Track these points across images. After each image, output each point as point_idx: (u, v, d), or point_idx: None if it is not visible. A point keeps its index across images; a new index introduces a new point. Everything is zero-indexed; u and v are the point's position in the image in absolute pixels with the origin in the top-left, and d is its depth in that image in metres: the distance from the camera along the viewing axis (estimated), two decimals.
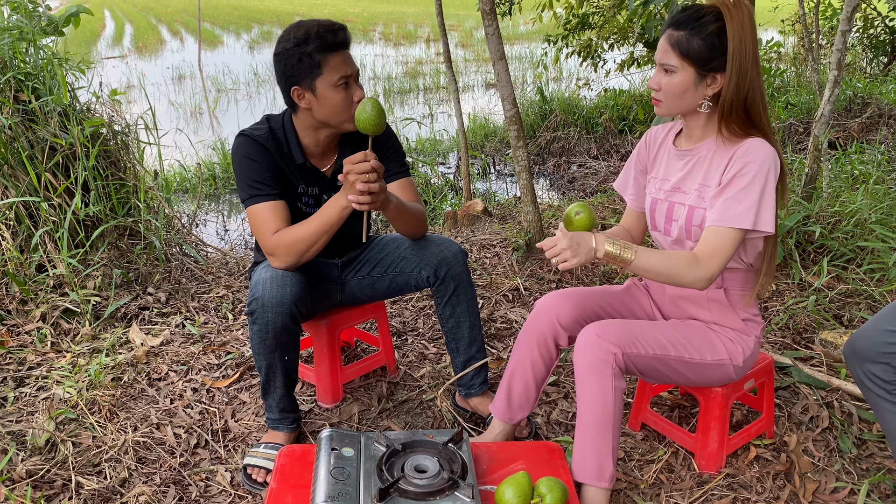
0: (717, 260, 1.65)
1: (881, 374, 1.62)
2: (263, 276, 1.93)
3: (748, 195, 1.64)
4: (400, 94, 10.67)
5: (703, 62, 1.64)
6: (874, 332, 1.63)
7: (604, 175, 5.81)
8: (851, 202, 3.38)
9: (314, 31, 1.86)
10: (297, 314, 1.92)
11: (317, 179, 2.09)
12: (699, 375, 1.82)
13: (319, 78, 1.89)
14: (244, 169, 1.97)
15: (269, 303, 1.88)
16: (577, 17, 7.45)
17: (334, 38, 1.88)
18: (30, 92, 3.18)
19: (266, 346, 1.94)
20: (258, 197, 1.95)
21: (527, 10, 7.17)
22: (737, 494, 1.91)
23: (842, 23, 3.16)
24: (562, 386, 2.45)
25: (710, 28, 1.62)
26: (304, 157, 2.03)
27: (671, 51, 1.66)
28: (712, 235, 1.67)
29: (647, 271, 1.67)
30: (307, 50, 1.86)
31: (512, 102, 3.31)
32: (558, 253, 1.63)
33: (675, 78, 1.67)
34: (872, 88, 6.88)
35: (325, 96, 1.91)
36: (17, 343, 2.72)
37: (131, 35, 19.24)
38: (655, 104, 1.75)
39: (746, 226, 1.64)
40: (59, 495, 1.93)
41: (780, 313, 2.86)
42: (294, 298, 1.90)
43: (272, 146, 2.00)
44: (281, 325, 1.90)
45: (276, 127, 2.04)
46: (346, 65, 1.91)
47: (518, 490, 1.59)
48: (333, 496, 1.54)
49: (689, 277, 1.65)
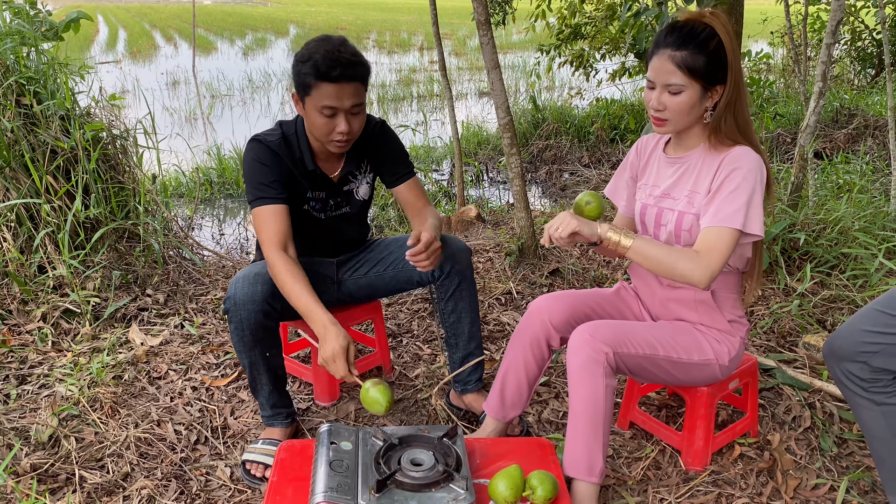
0: (716, 256, 1.68)
1: (858, 372, 1.67)
2: (238, 275, 2.00)
3: (737, 198, 1.69)
4: (394, 101, 10.75)
5: (709, 77, 1.70)
6: (851, 332, 1.68)
7: (595, 183, 5.89)
8: (836, 210, 3.47)
9: (316, 57, 1.88)
10: (270, 311, 1.98)
11: (324, 184, 2.16)
12: (686, 375, 1.89)
13: (308, 97, 1.94)
14: (253, 172, 2.03)
15: (241, 300, 1.95)
16: (569, 28, 7.56)
17: (328, 71, 1.87)
18: (31, 96, 3.23)
19: (244, 343, 2.00)
20: (262, 199, 2.01)
21: (520, 20, 7.26)
22: (721, 490, 1.98)
23: (827, 36, 3.25)
24: (553, 386, 2.52)
25: (712, 44, 1.68)
26: (314, 164, 2.09)
27: (678, 71, 1.69)
28: (708, 235, 1.70)
29: (646, 258, 1.71)
30: (303, 70, 1.91)
31: (506, 110, 3.39)
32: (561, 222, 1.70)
33: (682, 97, 1.71)
34: (859, 100, 7.00)
35: (310, 114, 1.97)
36: (19, 342, 2.76)
37: (125, 40, 19.26)
38: (660, 124, 1.77)
39: (737, 226, 1.68)
40: (63, 488, 1.98)
41: (765, 317, 2.94)
42: (265, 296, 1.96)
43: (284, 152, 2.06)
44: (255, 322, 1.96)
45: (289, 133, 2.09)
46: (335, 97, 1.90)
47: (510, 483, 1.65)
48: (333, 487, 1.60)
49: (688, 268, 1.67)
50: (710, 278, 1.68)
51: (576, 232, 1.72)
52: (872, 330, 1.64)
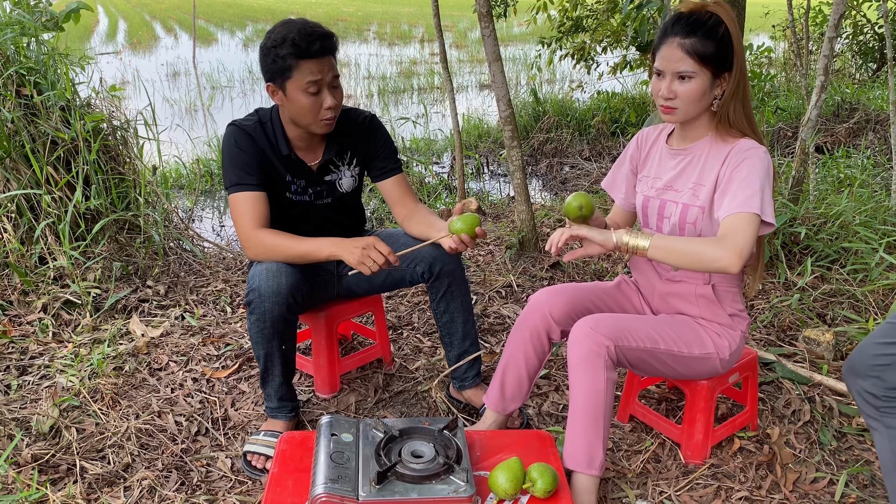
0: (741, 235, 1.60)
1: (871, 388, 1.60)
2: (260, 267, 1.99)
3: (750, 185, 1.66)
4: (394, 93, 10.72)
5: (718, 63, 1.70)
6: (866, 346, 1.63)
7: (596, 176, 5.88)
8: (836, 205, 3.47)
9: (291, 37, 1.90)
10: (293, 304, 1.99)
11: (303, 172, 2.16)
12: (687, 368, 1.89)
13: (289, 80, 1.94)
14: (231, 156, 2.04)
15: (266, 293, 1.95)
16: (570, 20, 7.54)
17: (308, 47, 1.90)
18: (32, 86, 3.22)
19: (264, 335, 2.00)
20: (240, 186, 2.03)
21: (521, 13, 7.23)
22: (721, 484, 1.98)
23: (829, 29, 3.24)
24: (553, 379, 2.52)
25: (720, 31, 1.68)
26: (289, 149, 2.10)
27: (688, 58, 1.68)
28: (729, 221, 1.64)
29: (669, 253, 1.65)
30: (281, 53, 1.91)
31: (507, 103, 3.38)
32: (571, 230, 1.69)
33: (692, 84, 1.70)
34: (860, 94, 6.99)
35: (293, 98, 1.97)
36: (20, 333, 2.77)
37: (125, 31, 19.19)
38: (669, 112, 1.76)
39: (756, 210, 1.62)
40: (64, 479, 1.98)
41: (765, 311, 2.94)
42: (290, 289, 1.96)
43: (259, 136, 2.07)
44: (278, 315, 1.97)
45: (265, 119, 2.11)
46: (318, 71, 1.93)
47: (511, 475, 1.65)
48: (333, 479, 1.60)
49: (715, 253, 1.59)
50: (741, 260, 1.57)
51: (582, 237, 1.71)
52: (885, 342, 1.60)
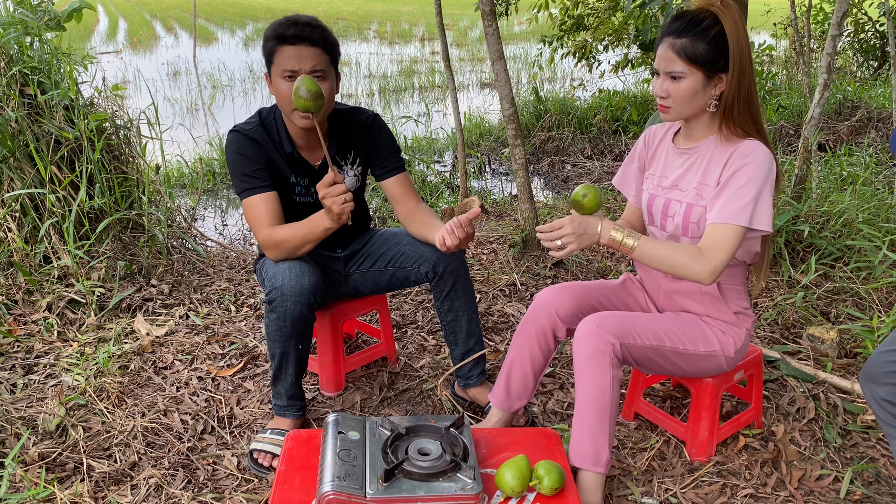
0: (720, 253, 1.69)
1: (888, 396, 1.59)
2: (282, 266, 1.99)
3: (746, 193, 1.70)
4: (395, 92, 10.71)
5: (710, 65, 1.70)
6: (880, 352, 1.62)
7: (597, 174, 5.88)
8: (839, 203, 3.47)
9: (276, 23, 1.96)
10: (314, 304, 2.00)
11: (305, 171, 2.16)
12: (692, 366, 1.90)
13: (273, 66, 1.99)
14: (236, 164, 2.05)
15: (289, 292, 1.95)
16: (572, 19, 7.53)
17: (285, 31, 1.94)
18: (35, 86, 3.23)
19: (283, 333, 2.01)
20: (250, 190, 2.04)
21: (523, 11, 7.23)
22: (726, 481, 1.99)
23: (832, 27, 3.24)
24: (558, 377, 2.52)
25: (712, 31, 1.68)
26: (292, 147, 2.10)
27: (677, 58, 1.70)
28: (714, 231, 1.72)
29: (651, 259, 1.73)
30: (266, 35, 1.98)
31: (510, 101, 3.38)
32: (560, 237, 1.70)
33: (683, 84, 1.72)
34: (862, 92, 6.98)
35: (275, 85, 2.00)
36: (25, 332, 2.77)
37: (125, 30, 19.18)
38: (664, 111, 1.78)
39: (744, 223, 1.69)
40: (71, 477, 1.99)
41: (769, 309, 2.94)
42: (312, 289, 1.97)
43: (262, 138, 2.08)
44: (299, 314, 1.98)
45: (268, 119, 2.12)
46: (294, 59, 1.94)
47: (517, 472, 1.66)
48: (341, 476, 1.61)
49: (693, 268, 1.70)
50: (715, 276, 1.70)
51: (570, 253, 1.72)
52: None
